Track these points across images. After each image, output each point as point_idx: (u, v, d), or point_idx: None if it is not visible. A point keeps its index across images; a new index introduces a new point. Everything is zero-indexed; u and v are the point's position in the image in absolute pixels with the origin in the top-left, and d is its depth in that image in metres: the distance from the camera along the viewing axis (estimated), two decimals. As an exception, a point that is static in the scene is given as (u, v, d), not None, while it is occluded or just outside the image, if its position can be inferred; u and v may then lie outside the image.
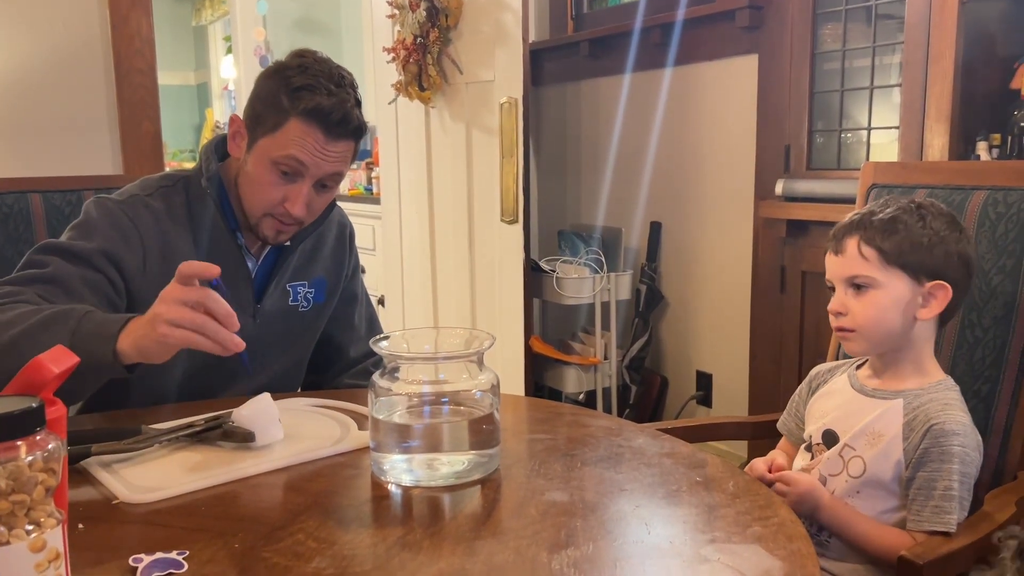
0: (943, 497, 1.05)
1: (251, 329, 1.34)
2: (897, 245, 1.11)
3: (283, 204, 1.27)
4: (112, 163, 2.40)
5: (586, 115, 3.36)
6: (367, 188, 4.14)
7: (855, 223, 1.15)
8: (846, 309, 1.15)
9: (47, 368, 0.69)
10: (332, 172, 1.28)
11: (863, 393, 1.18)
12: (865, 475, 1.12)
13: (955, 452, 1.06)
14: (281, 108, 1.24)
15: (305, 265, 1.43)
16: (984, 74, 2.02)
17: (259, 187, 1.28)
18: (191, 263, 1.01)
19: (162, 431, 1.08)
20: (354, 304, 1.55)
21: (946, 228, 1.12)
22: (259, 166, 1.27)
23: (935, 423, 1.07)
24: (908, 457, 1.09)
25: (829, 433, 1.18)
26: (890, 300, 1.12)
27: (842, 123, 2.53)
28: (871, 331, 1.14)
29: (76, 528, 0.84)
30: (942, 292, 1.12)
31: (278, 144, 1.24)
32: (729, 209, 2.78)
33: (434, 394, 1.00)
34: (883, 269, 1.11)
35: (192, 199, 1.33)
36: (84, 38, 2.35)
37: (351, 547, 0.81)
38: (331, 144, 1.25)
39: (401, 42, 3.06)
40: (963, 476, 1.06)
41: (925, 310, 1.13)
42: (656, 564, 0.78)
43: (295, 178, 1.26)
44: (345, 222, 1.54)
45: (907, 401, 1.12)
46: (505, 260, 2.87)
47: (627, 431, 1.14)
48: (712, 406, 2.94)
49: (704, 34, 2.80)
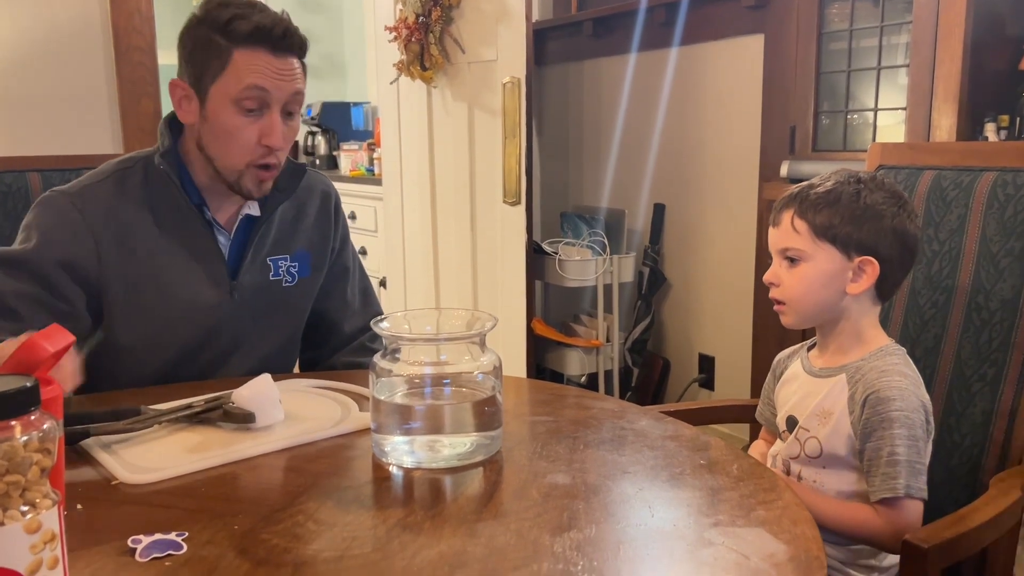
0: (888, 463, 1.05)
1: (229, 306, 1.33)
2: (828, 219, 1.11)
3: (261, 142, 1.24)
4: (112, 141, 2.38)
5: (589, 95, 3.34)
6: (369, 169, 4.12)
7: (792, 196, 1.15)
8: (779, 280, 1.15)
9: (42, 347, 0.68)
10: (294, 91, 1.24)
11: (812, 374, 1.18)
12: (823, 454, 1.13)
13: (894, 417, 1.05)
14: (220, 47, 1.21)
15: (286, 238, 1.39)
16: (993, 55, 2.00)
17: (230, 135, 1.24)
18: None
19: (162, 412, 1.07)
20: (346, 278, 1.51)
21: (884, 203, 1.11)
22: (222, 114, 1.23)
23: (871, 392, 1.08)
24: (856, 430, 1.09)
25: (791, 419, 1.19)
26: (818, 273, 1.12)
27: (848, 104, 2.51)
28: (799, 304, 1.14)
29: (75, 509, 0.84)
30: (871, 267, 1.11)
31: (232, 82, 1.21)
32: (733, 191, 2.76)
33: (436, 375, 0.99)
34: (813, 242, 1.12)
35: (150, 179, 1.30)
36: (83, 15, 2.32)
37: (351, 529, 0.80)
38: (281, 62, 1.22)
39: (403, 21, 3.03)
40: (908, 439, 1.05)
41: (854, 284, 1.12)
42: (659, 547, 0.77)
43: (263, 110, 1.23)
44: (329, 190, 1.48)
45: (849, 375, 1.12)
46: (507, 242, 2.85)
47: (630, 413, 1.14)
48: (714, 389, 2.93)
49: (709, 13, 2.77)
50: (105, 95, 2.37)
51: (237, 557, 0.75)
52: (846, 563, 1.13)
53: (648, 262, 3.01)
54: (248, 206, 1.35)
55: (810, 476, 1.15)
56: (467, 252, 3.09)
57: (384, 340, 0.99)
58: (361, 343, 1.50)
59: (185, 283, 1.30)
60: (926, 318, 1.32)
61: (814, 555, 0.75)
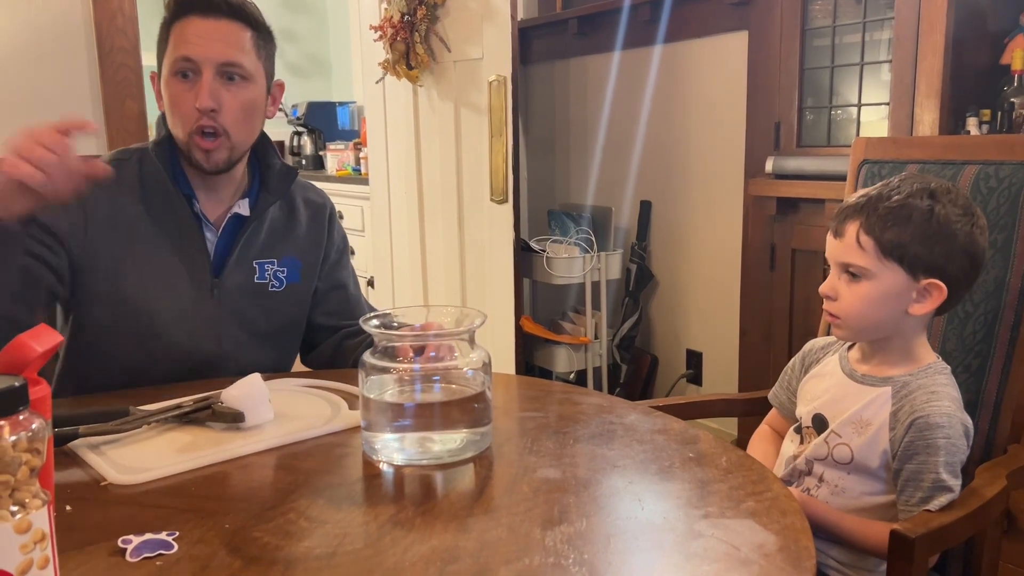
0: (932, 489, 1.04)
1: (209, 303, 1.32)
2: (897, 237, 1.05)
3: (194, 107, 1.25)
4: (96, 142, 2.36)
5: (575, 93, 3.34)
6: (355, 169, 4.11)
7: (860, 206, 1.09)
8: (836, 294, 1.11)
9: (30, 347, 0.68)
10: (224, 59, 1.25)
11: (852, 378, 1.15)
12: (853, 462, 1.11)
13: (940, 445, 1.04)
14: (164, 28, 1.28)
15: (275, 243, 1.39)
16: (974, 50, 2.02)
17: (172, 107, 1.28)
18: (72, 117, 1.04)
19: (151, 412, 1.07)
20: (343, 291, 1.49)
21: (957, 220, 1.06)
22: (166, 88, 1.28)
23: (919, 416, 1.05)
24: (894, 448, 1.07)
25: (819, 418, 1.16)
26: (880, 293, 1.07)
27: (832, 100, 2.52)
28: (857, 321, 1.10)
29: (64, 510, 0.84)
30: (937, 291, 1.07)
31: (169, 57, 1.27)
32: (719, 187, 2.78)
33: (425, 372, 0.99)
34: (879, 260, 1.06)
35: (145, 169, 1.32)
36: (65, 16, 2.31)
37: (342, 526, 0.80)
38: (209, 23, 1.25)
39: (388, 20, 3.03)
40: (949, 466, 1.05)
41: (918, 306, 1.08)
42: (649, 539, 0.78)
43: (195, 78, 1.26)
44: (324, 202, 1.49)
45: (895, 389, 1.10)
46: (495, 240, 2.85)
47: (619, 408, 1.14)
48: (702, 384, 2.94)
49: (693, 11, 2.78)
50: (88, 96, 2.35)
51: (228, 555, 0.75)
52: (844, 563, 1.12)
53: (635, 259, 3.02)
54: (238, 205, 1.35)
55: (833, 479, 1.13)
56: (455, 251, 3.09)
57: (374, 337, 0.99)
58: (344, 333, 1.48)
59: (166, 274, 1.30)
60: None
61: (803, 545, 0.76)
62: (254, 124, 1.33)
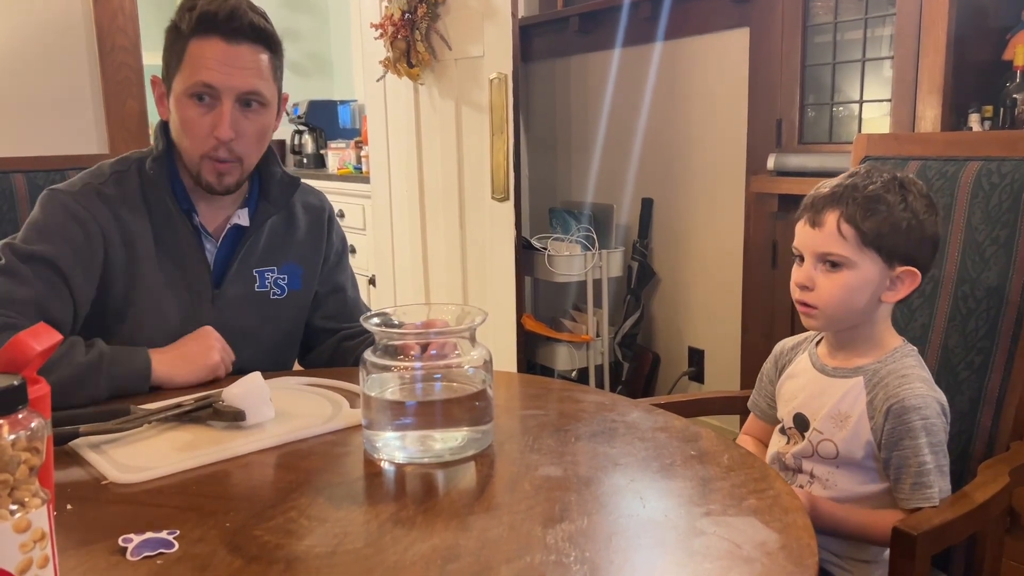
0: (919, 473, 1.05)
1: (210, 314, 1.31)
2: (877, 226, 1.07)
3: (212, 135, 1.23)
4: (97, 142, 2.37)
5: (576, 91, 3.34)
6: (356, 167, 4.11)
7: (837, 196, 1.09)
8: (813, 284, 1.11)
9: (29, 346, 0.68)
10: (247, 88, 1.23)
11: (824, 373, 1.16)
12: (839, 456, 1.11)
13: (919, 427, 1.05)
14: (179, 40, 1.23)
15: (274, 250, 1.38)
16: (976, 45, 2.01)
17: (185, 127, 1.25)
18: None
19: (151, 411, 1.07)
20: (342, 294, 1.48)
21: (924, 210, 1.09)
22: (178, 106, 1.25)
23: (894, 402, 1.06)
24: (877, 437, 1.08)
25: (799, 417, 1.17)
26: (859, 282, 1.08)
27: (834, 96, 2.52)
28: (834, 311, 1.11)
29: (64, 509, 0.83)
30: (910, 278, 1.09)
31: (186, 75, 1.23)
32: (720, 184, 2.77)
33: (427, 371, 0.99)
34: (859, 250, 1.08)
35: (145, 182, 1.30)
36: (66, 15, 2.31)
37: (343, 524, 0.80)
38: (233, 50, 1.21)
39: (389, 18, 3.02)
40: (932, 445, 1.05)
41: (891, 293, 1.10)
42: (651, 537, 0.78)
43: (213, 103, 1.23)
44: (322, 204, 1.47)
45: (867, 378, 1.11)
46: (496, 238, 2.85)
47: (620, 406, 1.14)
48: (704, 382, 2.94)
49: (694, 7, 2.78)
50: (89, 95, 2.35)
51: (229, 554, 0.74)
52: (842, 555, 1.13)
53: (637, 256, 3.02)
54: (237, 216, 1.34)
55: (823, 474, 1.14)
56: (456, 249, 3.09)
57: (375, 336, 0.99)
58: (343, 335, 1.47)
59: (170, 287, 1.30)
60: (913, 307, 1.32)
61: (805, 543, 0.75)
62: (265, 144, 1.32)
